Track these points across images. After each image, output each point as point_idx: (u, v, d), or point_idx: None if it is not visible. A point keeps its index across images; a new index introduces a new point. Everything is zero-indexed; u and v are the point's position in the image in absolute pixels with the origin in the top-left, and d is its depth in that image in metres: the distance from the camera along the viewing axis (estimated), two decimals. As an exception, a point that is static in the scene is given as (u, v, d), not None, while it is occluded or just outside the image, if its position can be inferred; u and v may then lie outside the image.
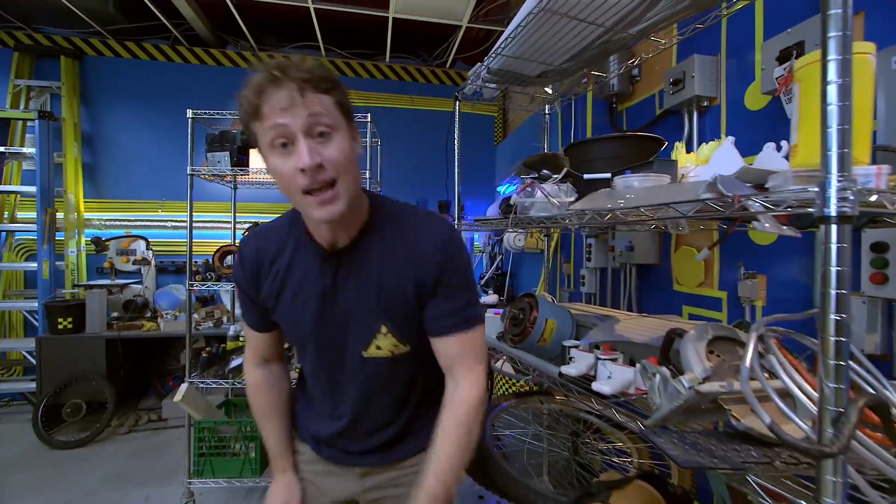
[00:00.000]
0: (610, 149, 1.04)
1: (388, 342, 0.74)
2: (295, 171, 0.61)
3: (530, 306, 1.04)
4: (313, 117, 0.61)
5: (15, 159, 2.94)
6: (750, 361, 0.48)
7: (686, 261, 1.43)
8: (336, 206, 0.63)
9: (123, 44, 3.19)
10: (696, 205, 0.59)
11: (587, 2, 0.93)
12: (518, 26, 1.04)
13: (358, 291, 0.72)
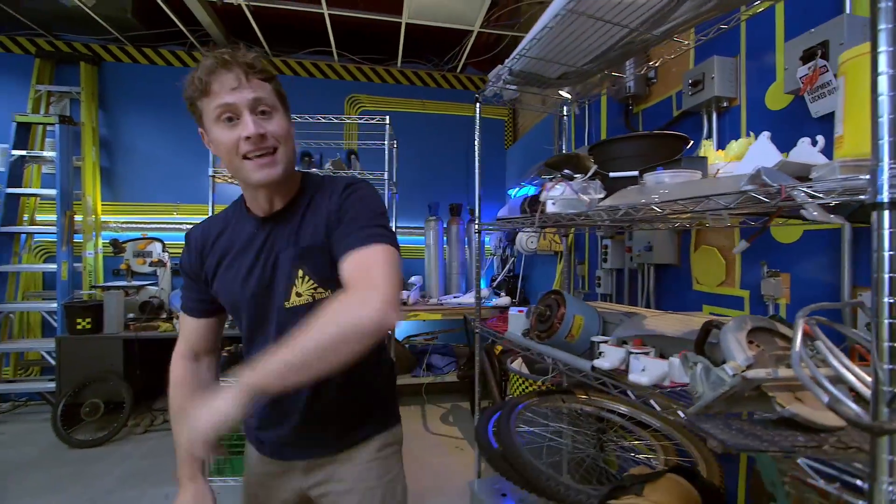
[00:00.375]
0: (634, 148, 1.06)
1: (306, 286, 0.77)
2: (238, 140, 0.69)
3: (557, 303, 1.05)
4: (257, 99, 0.70)
5: (35, 163, 3.00)
6: (800, 347, 0.49)
7: (706, 260, 1.44)
8: (275, 169, 0.72)
9: (141, 50, 3.25)
10: (738, 197, 0.60)
11: (614, 3, 0.95)
12: (544, 27, 1.06)
13: (281, 246, 0.78)
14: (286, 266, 0.77)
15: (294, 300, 0.77)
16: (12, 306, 2.71)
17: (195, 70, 0.71)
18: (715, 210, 0.66)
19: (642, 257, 1.65)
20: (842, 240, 1.00)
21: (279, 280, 0.78)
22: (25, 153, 2.81)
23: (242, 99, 0.69)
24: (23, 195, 2.88)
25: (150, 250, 2.99)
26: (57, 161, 2.78)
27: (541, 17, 1.06)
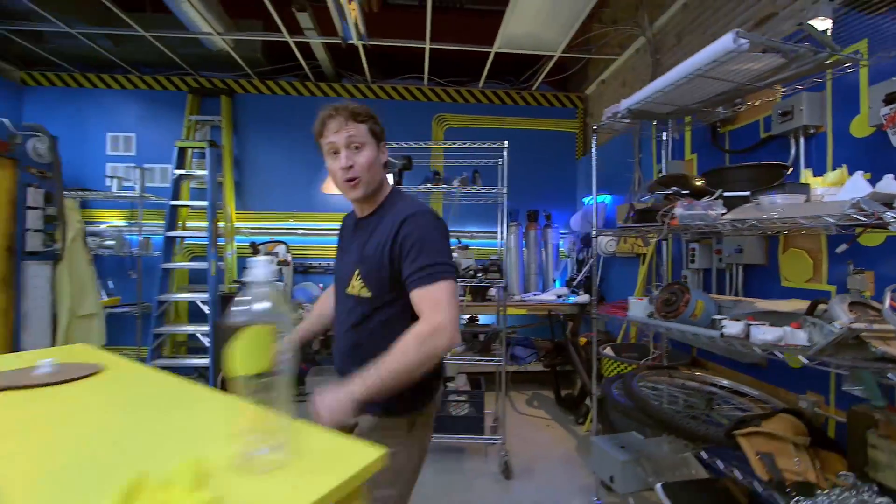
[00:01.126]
0: (745, 174, 1.38)
1: (358, 283, 1.00)
2: (338, 169, 0.97)
3: (682, 291, 1.39)
4: (351, 137, 0.96)
5: (186, 180, 3.65)
6: (888, 307, 0.81)
7: (795, 260, 1.71)
8: (359, 190, 0.99)
9: (264, 82, 3.86)
10: (842, 217, 0.92)
11: (732, 67, 1.28)
12: (671, 84, 1.40)
13: (356, 246, 1.03)
14: (351, 264, 1.03)
15: (350, 290, 1.02)
16: (176, 297, 3.34)
17: (317, 117, 1.00)
18: (824, 225, 0.98)
19: (732, 258, 1.94)
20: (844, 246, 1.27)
21: (347, 272, 1.03)
22: (184, 172, 3.45)
23: (341, 139, 0.96)
24: (181, 206, 3.53)
25: (277, 251, 3.56)
26: (208, 178, 3.39)
27: (668, 73, 1.41)
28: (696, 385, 1.68)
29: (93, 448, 0.48)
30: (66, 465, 0.43)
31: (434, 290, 0.91)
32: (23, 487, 0.40)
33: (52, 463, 0.44)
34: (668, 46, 2.78)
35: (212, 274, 3.36)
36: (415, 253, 0.92)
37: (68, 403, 0.65)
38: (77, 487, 0.40)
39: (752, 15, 2.10)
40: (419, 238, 0.93)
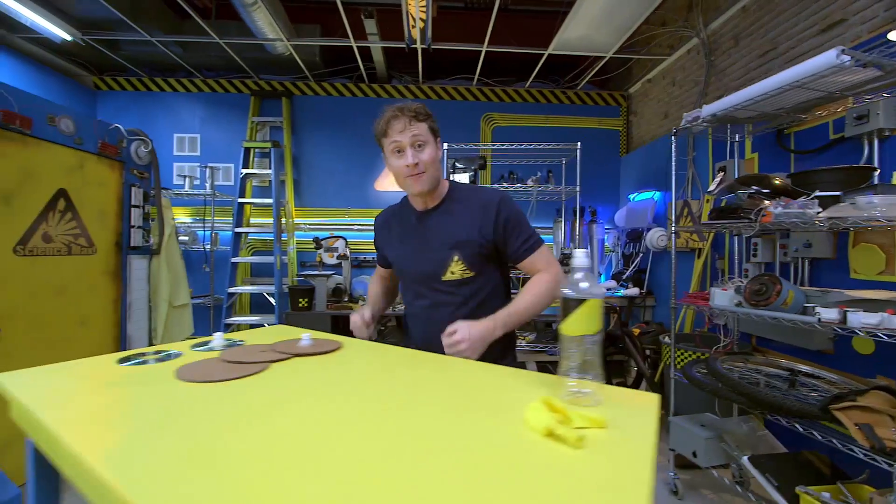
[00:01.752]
0: (832, 175, 1.51)
1: (459, 268, 1.09)
2: (403, 166, 1.04)
3: (772, 282, 1.53)
4: (415, 136, 1.03)
5: (250, 179, 3.85)
6: None
7: (866, 254, 1.84)
8: (422, 183, 1.06)
9: (320, 83, 4.03)
10: None
11: (830, 79, 1.41)
12: (766, 93, 1.53)
13: (438, 235, 1.10)
14: (445, 252, 1.09)
15: (449, 276, 1.10)
16: (246, 289, 3.55)
17: (380, 118, 1.06)
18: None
19: (799, 252, 2.06)
20: None
21: (439, 260, 1.10)
22: (249, 171, 3.65)
23: (406, 138, 1.02)
24: (247, 204, 3.73)
25: (337, 246, 3.75)
26: (273, 177, 3.58)
27: (763, 83, 1.53)
28: (772, 370, 1.83)
29: (375, 401, 0.63)
30: (366, 413, 0.58)
31: (542, 252, 1.10)
32: (336, 433, 0.52)
33: (360, 411, 0.59)
34: (724, 49, 2.88)
35: (277, 268, 3.56)
36: (518, 229, 1.08)
37: (336, 369, 0.80)
38: (373, 433, 0.52)
39: (818, 20, 2.21)
40: (516, 217, 1.09)
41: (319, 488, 0.39)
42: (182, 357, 0.83)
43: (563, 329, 0.60)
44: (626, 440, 0.49)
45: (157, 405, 0.60)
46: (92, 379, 0.70)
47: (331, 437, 0.50)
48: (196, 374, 0.72)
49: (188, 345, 0.96)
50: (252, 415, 0.56)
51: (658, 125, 3.70)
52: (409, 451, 0.47)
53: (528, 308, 1.03)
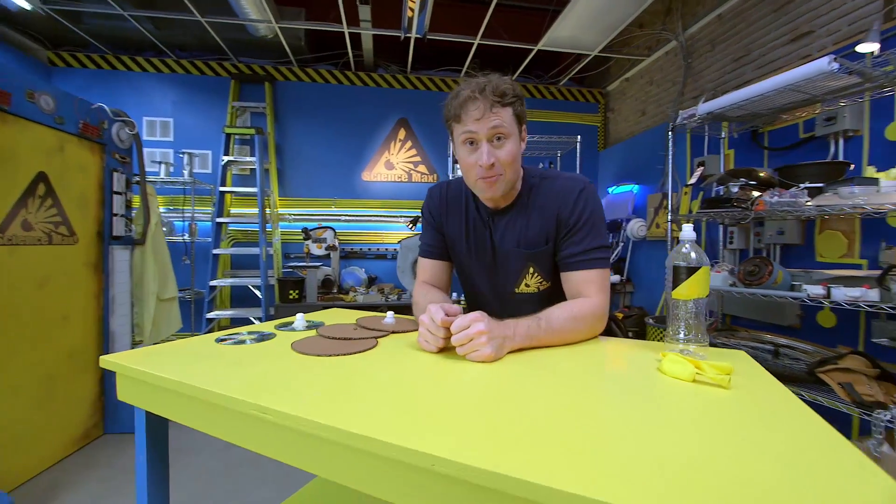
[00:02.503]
0: (815, 169, 1.71)
1: (535, 280, 0.93)
2: (475, 164, 0.83)
3: (764, 263, 1.72)
4: (494, 128, 0.80)
5: (231, 167, 3.67)
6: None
7: (830, 240, 2.09)
8: (496, 189, 0.86)
9: (304, 69, 3.90)
10: None
11: (817, 84, 1.59)
12: (760, 94, 1.70)
13: (512, 242, 0.92)
14: (519, 262, 0.93)
15: (523, 289, 0.94)
16: (229, 281, 3.40)
17: (454, 97, 0.84)
18: None
19: (772, 239, 2.31)
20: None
21: (511, 270, 0.94)
22: (232, 158, 3.48)
23: (483, 128, 0.80)
24: (228, 193, 3.56)
25: (325, 237, 3.68)
26: (257, 165, 3.45)
27: (759, 84, 1.70)
28: (757, 343, 2.04)
29: (513, 374, 0.65)
30: (523, 382, 0.62)
31: (600, 274, 0.86)
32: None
33: (512, 378, 0.63)
34: (701, 52, 3.11)
35: (262, 259, 3.45)
36: (585, 231, 0.87)
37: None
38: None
39: (788, 30, 2.45)
40: (591, 215, 0.87)
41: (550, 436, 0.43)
42: (275, 337, 0.83)
43: (676, 294, 0.68)
44: (751, 379, 0.57)
45: (316, 373, 0.61)
46: (214, 357, 0.70)
47: (519, 397, 0.55)
48: (318, 348, 0.73)
49: (271, 326, 0.95)
50: (419, 376, 0.60)
51: (635, 122, 3.93)
52: (597, 416, 0.51)
53: (561, 330, 0.77)
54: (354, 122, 3.95)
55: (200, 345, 0.77)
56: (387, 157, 4.03)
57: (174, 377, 0.59)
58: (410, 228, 3.76)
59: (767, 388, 0.55)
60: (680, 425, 0.45)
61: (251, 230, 3.76)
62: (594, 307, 0.83)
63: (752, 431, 0.44)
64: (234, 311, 3.54)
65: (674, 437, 0.42)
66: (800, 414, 0.47)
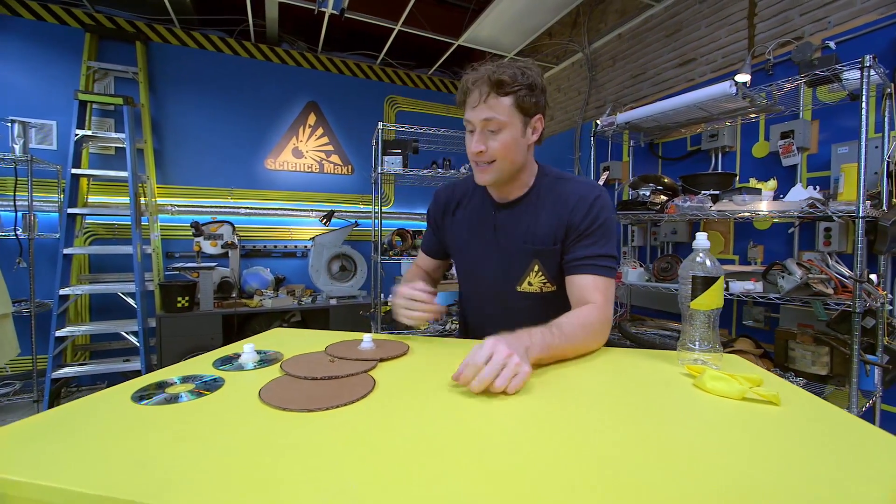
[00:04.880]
0: (711, 178, 1.98)
1: (538, 279, 0.90)
2: (470, 150, 0.85)
3: (675, 260, 1.94)
4: (487, 119, 0.80)
5: (87, 144, 2.91)
6: (821, 263, 1.42)
7: (711, 239, 2.46)
8: (486, 175, 0.85)
9: (189, 33, 3.28)
10: (798, 209, 1.51)
11: (715, 105, 1.83)
12: (669, 109, 1.90)
13: (518, 237, 0.90)
14: (524, 258, 0.90)
15: (526, 287, 0.91)
16: (91, 289, 2.70)
17: (462, 82, 0.85)
18: (784, 212, 1.58)
19: (667, 238, 2.64)
20: (794, 228, 2.05)
21: (515, 266, 0.91)
22: (88, 133, 2.75)
23: (476, 117, 0.81)
24: (85, 176, 2.81)
25: (221, 233, 3.16)
26: (127, 143, 2.79)
27: (672, 99, 1.90)
28: (664, 331, 2.31)
29: (535, 402, 0.58)
30: (541, 413, 0.55)
31: (607, 282, 0.83)
32: None
33: (531, 410, 0.56)
34: (604, 67, 3.41)
35: (138, 260, 2.83)
36: (596, 237, 0.85)
37: (443, 372, 0.64)
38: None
39: (676, 56, 2.81)
40: (605, 222, 0.86)
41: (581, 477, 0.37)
42: (223, 385, 0.61)
43: (696, 305, 0.67)
44: (791, 392, 0.59)
45: (323, 442, 0.44)
46: (143, 433, 0.46)
47: (540, 433, 0.46)
48: (303, 397, 0.54)
49: (206, 364, 0.72)
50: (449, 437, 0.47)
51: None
52: (632, 442, 0.47)
53: (573, 339, 0.72)
54: (254, 102, 3.46)
55: (109, 410, 0.52)
56: (294, 143, 3.62)
57: (80, 488, 0.35)
58: (325, 224, 3.45)
59: (806, 400, 0.56)
60: (759, 451, 0.43)
61: (120, 224, 3.05)
62: (602, 316, 0.80)
63: (831, 452, 0.43)
64: (96, 325, 2.84)
65: (759, 465, 0.39)
66: (857, 427, 0.48)
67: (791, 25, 2.17)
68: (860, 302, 1.37)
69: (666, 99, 2.10)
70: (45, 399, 2.59)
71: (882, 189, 1.55)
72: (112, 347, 3.00)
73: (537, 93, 0.84)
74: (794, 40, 2.10)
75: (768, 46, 2.19)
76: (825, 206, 1.45)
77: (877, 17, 1.84)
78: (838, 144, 1.84)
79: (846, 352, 1.56)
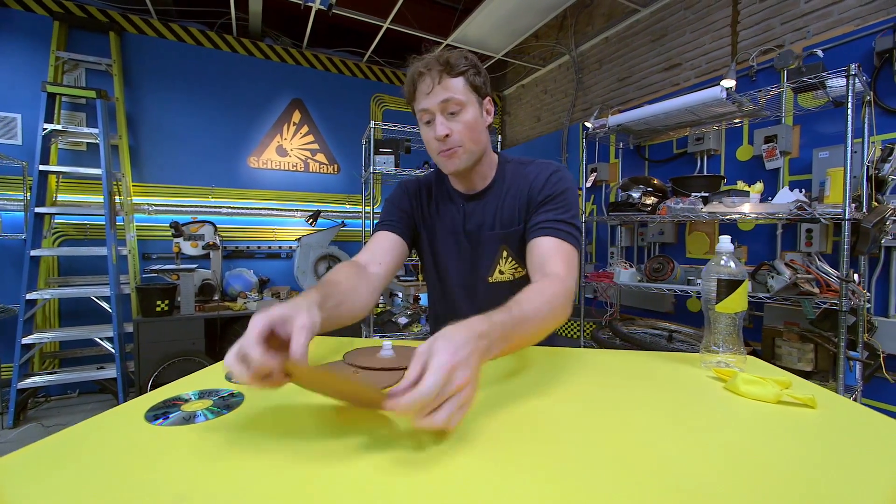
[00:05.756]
0: (700, 181, 2.02)
1: (509, 265, 0.88)
2: (432, 139, 0.80)
3: (667, 261, 1.98)
4: (446, 101, 0.77)
5: (56, 139, 2.74)
6: (806, 264, 1.47)
7: (697, 239, 2.53)
8: (456, 161, 0.81)
9: (168, 25, 3.14)
10: (787, 212, 1.57)
11: (705, 109, 1.87)
12: (656, 113, 1.94)
13: (486, 225, 0.88)
14: (492, 245, 0.88)
15: (497, 276, 0.88)
16: (56, 292, 2.54)
17: (407, 78, 0.81)
18: (775, 215, 1.63)
19: (654, 238, 2.70)
20: (776, 229, 2.13)
21: (484, 256, 0.89)
22: (57, 127, 2.60)
23: (434, 103, 0.77)
24: (52, 173, 2.65)
25: (202, 233, 3.04)
26: (100, 138, 2.65)
27: (664, 103, 1.93)
28: (654, 330, 2.35)
29: (563, 405, 0.58)
30: (579, 414, 0.54)
31: (567, 248, 0.77)
32: None
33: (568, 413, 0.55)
34: (590, 69, 3.46)
35: (113, 262, 2.69)
36: (556, 204, 0.81)
37: None
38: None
39: (661, 60, 2.88)
40: (565, 192, 0.83)
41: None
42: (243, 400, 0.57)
43: (721, 308, 0.68)
44: (822, 395, 0.59)
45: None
46: (167, 460, 0.42)
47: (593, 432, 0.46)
48: None
49: (219, 374, 0.67)
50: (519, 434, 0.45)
51: (531, 127, 4.21)
52: (675, 445, 0.46)
53: (536, 317, 0.59)
54: (237, 98, 3.35)
55: (122, 432, 0.48)
56: (279, 141, 3.52)
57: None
58: (311, 224, 3.37)
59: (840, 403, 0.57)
60: (812, 457, 0.43)
61: (93, 224, 2.89)
62: (565, 286, 0.69)
63: (878, 456, 0.43)
64: (67, 331, 2.68)
65: (819, 471, 0.39)
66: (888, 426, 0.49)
67: (772, 34, 2.24)
68: (846, 301, 1.43)
69: (655, 102, 2.15)
70: (11, 411, 2.43)
71: (863, 192, 1.62)
72: (84, 354, 2.85)
73: (483, 74, 0.83)
74: (776, 48, 2.18)
75: (751, 53, 2.27)
76: (813, 208, 1.50)
77: (853, 28, 1.92)
78: (819, 149, 1.92)
79: (830, 348, 1.63)
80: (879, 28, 1.81)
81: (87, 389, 2.91)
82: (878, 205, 1.56)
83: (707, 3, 2.55)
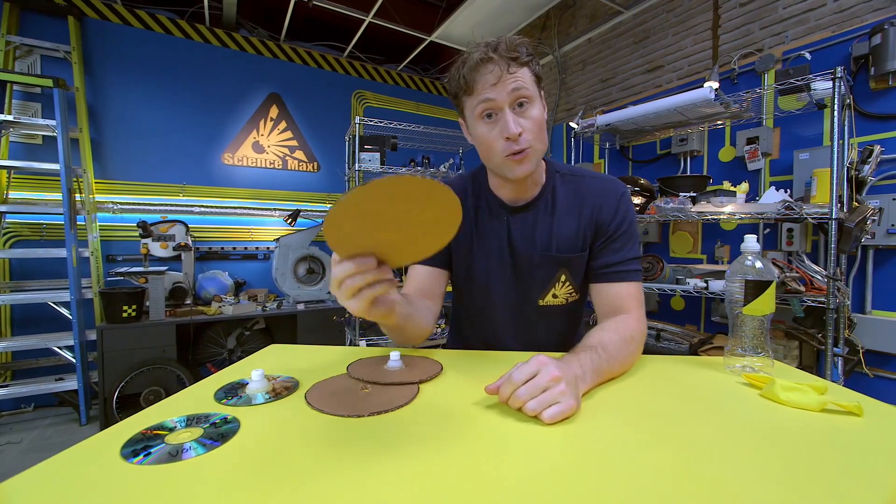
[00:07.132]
0: (687, 181, 2.04)
1: (564, 290, 0.81)
2: (499, 138, 0.69)
3: (657, 261, 1.98)
4: (517, 91, 0.67)
5: (7, 131, 2.52)
6: (794, 265, 1.50)
7: (680, 239, 2.57)
8: (526, 165, 0.71)
9: (134, 11, 2.94)
10: (775, 212, 1.59)
11: (693, 109, 1.89)
12: (647, 113, 1.94)
13: (539, 244, 0.79)
14: (549, 269, 0.79)
15: (549, 300, 0.81)
16: (8, 298, 2.33)
17: (459, 66, 0.71)
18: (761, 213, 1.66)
19: (641, 237, 2.72)
20: (759, 228, 2.18)
21: (537, 278, 0.80)
22: (7, 118, 2.38)
23: (503, 95, 0.67)
24: (9, 168, 2.43)
25: (173, 233, 2.87)
26: (59, 131, 2.46)
27: (652, 103, 1.94)
28: (635, 328, 2.37)
29: (604, 420, 0.52)
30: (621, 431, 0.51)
31: (640, 289, 0.78)
32: None
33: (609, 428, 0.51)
34: (574, 70, 3.48)
35: (73, 264, 2.50)
36: (624, 240, 0.78)
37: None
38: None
39: (644, 62, 2.91)
40: (631, 224, 0.79)
41: None
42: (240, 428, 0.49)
43: (749, 310, 0.65)
44: (866, 402, 0.57)
45: None
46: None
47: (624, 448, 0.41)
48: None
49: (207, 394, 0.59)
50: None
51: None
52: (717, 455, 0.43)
53: (619, 357, 0.64)
54: (210, 91, 3.18)
55: (87, 478, 0.38)
56: (255, 137, 3.37)
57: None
58: (290, 224, 3.24)
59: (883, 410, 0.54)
60: (871, 470, 0.40)
61: (50, 223, 2.67)
62: (641, 327, 0.74)
63: None
64: (22, 339, 2.46)
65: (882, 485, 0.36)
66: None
67: (752, 38, 2.30)
68: (833, 298, 1.46)
69: (638, 104, 2.17)
70: (-44, 429, 2.21)
71: (843, 192, 1.66)
72: (39, 365, 2.62)
73: (540, 64, 0.75)
74: (756, 52, 2.23)
75: (732, 57, 2.32)
76: (799, 208, 1.53)
77: (829, 34, 1.99)
78: (800, 150, 1.97)
79: (814, 345, 1.67)
80: (855, 34, 1.87)
81: (43, 403, 2.69)
82: (859, 205, 1.61)
83: (689, 7, 2.59)
